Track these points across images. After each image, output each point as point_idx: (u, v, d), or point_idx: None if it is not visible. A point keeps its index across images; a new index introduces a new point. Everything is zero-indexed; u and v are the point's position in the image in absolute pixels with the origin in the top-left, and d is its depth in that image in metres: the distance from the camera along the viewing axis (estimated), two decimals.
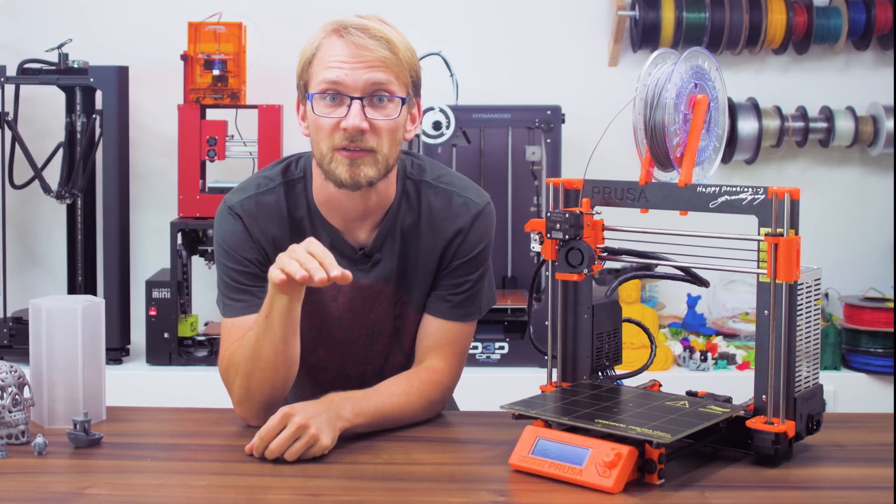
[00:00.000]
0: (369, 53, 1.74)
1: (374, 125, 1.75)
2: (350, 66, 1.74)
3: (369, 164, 1.76)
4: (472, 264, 1.89)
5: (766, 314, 1.57)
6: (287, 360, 1.75)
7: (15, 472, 1.57)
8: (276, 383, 1.76)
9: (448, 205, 1.88)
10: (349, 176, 1.76)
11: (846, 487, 1.53)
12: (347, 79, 1.74)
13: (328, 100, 1.76)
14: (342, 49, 1.75)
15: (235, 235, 1.84)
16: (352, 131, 1.74)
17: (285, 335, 1.72)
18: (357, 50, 1.74)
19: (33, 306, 1.79)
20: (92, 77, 3.41)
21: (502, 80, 3.79)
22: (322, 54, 1.77)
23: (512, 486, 1.53)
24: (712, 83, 1.68)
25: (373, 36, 1.74)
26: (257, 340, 1.73)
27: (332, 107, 1.76)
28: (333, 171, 1.77)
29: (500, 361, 3.44)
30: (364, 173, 1.76)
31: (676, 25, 3.65)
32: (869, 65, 3.84)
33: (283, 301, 1.69)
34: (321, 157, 1.78)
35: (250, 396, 1.76)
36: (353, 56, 1.74)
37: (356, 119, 1.74)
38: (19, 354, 3.34)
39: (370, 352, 1.94)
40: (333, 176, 1.77)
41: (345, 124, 1.74)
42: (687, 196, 1.64)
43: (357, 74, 1.74)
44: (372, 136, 1.75)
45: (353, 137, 1.74)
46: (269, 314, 1.70)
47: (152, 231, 3.74)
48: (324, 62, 1.76)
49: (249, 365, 1.74)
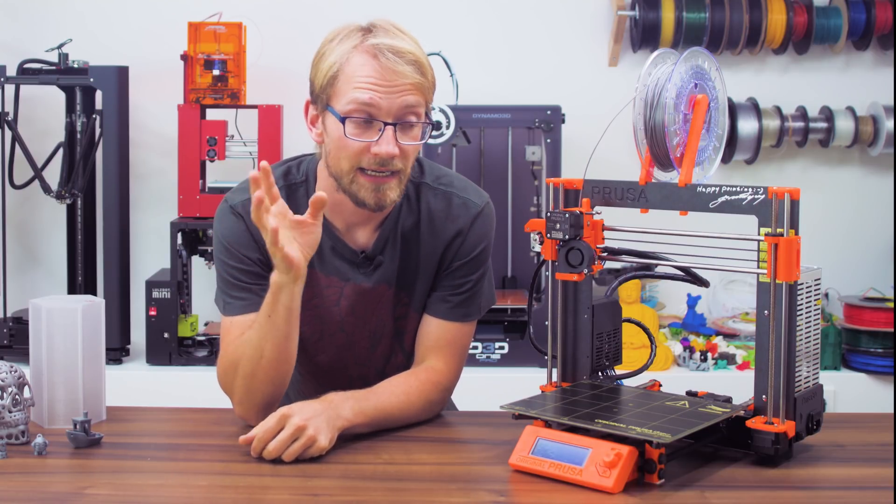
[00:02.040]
0: (404, 79, 1.72)
1: (402, 149, 1.74)
2: (384, 90, 1.71)
3: (394, 187, 1.76)
4: (473, 265, 1.89)
5: (766, 314, 1.57)
6: (289, 358, 1.75)
7: (15, 472, 1.57)
8: (276, 381, 1.76)
9: (447, 206, 1.88)
10: (374, 200, 1.76)
11: (846, 487, 1.53)
12: (382, 102, 1.71)
13: (359, 121, 1.73)
14: (374, 70, 1.72)
15: (237, 234, 1.84)
16: (384, 157, 1.73)
17: (288, 332, 1.72)
18: (392, 75, 1.71)
19: (33, 306, 1.79)
20: (92, 77, 3.41)
21: (502, 80, 3.79)
22: (352, 71, 1.73)
23: (512, 486, 1.53)
24: (712, 83, 1.68)
25: (407, 60, 1.72)
26: (260, 340, 1.72)
27: (361, 129, 1.73)
28: (356, 193, 1.76)
29: (500, 361, 3.44)
30: (389, 196, 1.76)
31: (676, 25, 3.65)
32: (869, 65, 3.84)
33: (288, 292, 1.68)
34: (340, 173, 1.77)
35: (251, 395, 1.76)
36: (387, 81, 1.71)
37: (390, 146, 1.72)
38: (19, 354, 3.34)
39: (372, 353, 1.94)
40: (356, 197, 1.76)
41: (377, 150, 1.72)
42: (687, 196, 1.64)
43: (391, 99, 1.72)
44: (400, 159, 1.75)
45: (384, 162, 1.73)
46: (272, 312, 1.70)
47: (152, 231, 3.74)
48: (353, 80, 1.73)
49: (252, 364, 1.74)
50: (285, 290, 1.68)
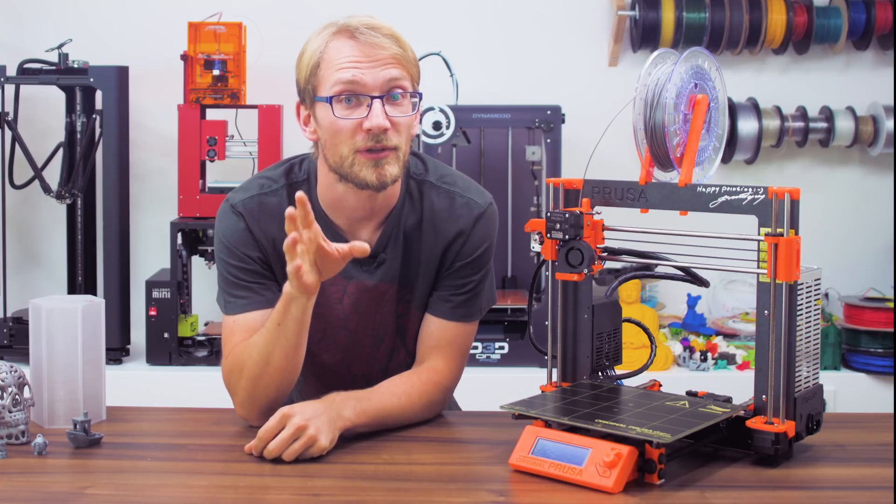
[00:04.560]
0: (383, 51, 1.73)
1: (394, 122, 1.75)
2: (366, 66, 1.73)
3: (392, 163, 1.76)
4: (474, 266, 1.89)
5: (766, 314, 1.57)
6: (296, 365, 1.76)
7: (15, 472, 1.57)
8: (282, 386, 1.76)
9: (450, 205, 1.88)
10: (376, 177, 1.75)
11: (846, 487, 1.53)
12: (366, 77, 1.72)
13: (345, 101, 1.74)
14: (354, 49, 1.73)
15: (238, 233, 1.84)
16: (376, 131, 1.73)
17: (298, 341, 1.72)
18: (371, 49, 1.73)
19: (33, 306, 1.79)
20: (92, 77, 3.41)
21: (502, 80, 3.79)
22: (331, 56, 1.75)
23: (512, 486, 1.53)
24: (712, 83, 1.68)
25: (383, 34, 1.74)
26: (267, 347, 1.72)
27: (349, 108, 1.74)
28: (357, 174, 1.76)
29: (500, 361, 3.44)
30: (389, 172, 1.76)
31: (676, 25, 3.65)
32: (869, 65, 3.84)
33: (300, 306, 1.68)
34: (340, 161, 1.77)
35: (255, 399, 1.76)
36: (368, 55, 1.73)
37: (380, 118, 1.72)
38: (19, 354, 3.33)
39: (375, 352, 1.94)
40: (357, 179, 1.76)
41: (368, 124, 1.73)
42: (687, 196, 1.64)
43: (375, 73, 1.73)
44: (394, 133, 1.75)
45: (378, 137, 1.73)
46: (281, 321, 1.70)
47: (152, 231, 3.74)
48: (335, 64, 1.74)
49: (258, 369, 1.74)
50: (297, 303, 1.68)
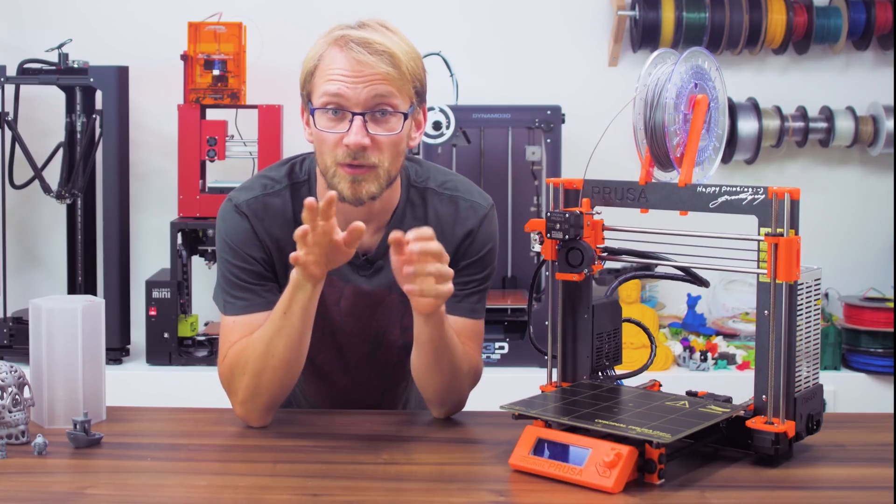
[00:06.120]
0: (370, 69, 1.71)
1: (376, 140, 1.74)
2: (351, 81, 1.72)
3: (371, 181, 1.75)
4: (479, 264, 1.88)
5: (766, 314, 1.57)
6: (299, 357, 1.76)
7: (15, 472, 1.57)
8: (284, 382, 1.76)
9: (455, 209, 1.88)
10: (351, 193, 1.75)
11: (846, 487, 1.53)
12: (349, 92, 1.72)
13: (330, 113, 1.74)
14: (343, 62, 1.73)
15: (242, 233, 1.83)
16: (353, 148, 1.72)
17: (303, 330, 1.72)
18: (357, 66, 1.72)
19: (33, 306, 1.79)
20: (92, 77, 3.41)
21: (502, 80, 3.79)
22: (324, 65, 1.75)
23: (512, 486, 1.53)
24: (712, 83, 1.68)
25: (374, 51, 1.72)
26: (272, 338, 1.72)
27: (334, 121, 1.74)
28: (336, 185, 1.76)
29: (500, 361, 3.44)
30: (366, 190, 1.76)
31: (676, 25, 3.65)
32: (869, 65, 3.84)
33: (306, 293, 1.68)
34: (325, 169, 1.78)
35: (257, 395, 1.76)
36: (354, 71, 1.72)
37: (358, 136, 1.72)
38: (19, 354, 3.33)
39: (373, 359, 1.94)
40: (337, 190, 1.76)
41: (346, 141, 1.72)
42: (687, 196, 1.64)
43: (358, 89, 1.72)
44: (374, 151, 1.74)
45: (356, 154, 1.73)
46: (287, 309, 1.70)
47: (152, 231, 3.73)
48: (325, 74, 1.74)
49: (261, 363, 1.74)
50: (303, 289, 1.69)
